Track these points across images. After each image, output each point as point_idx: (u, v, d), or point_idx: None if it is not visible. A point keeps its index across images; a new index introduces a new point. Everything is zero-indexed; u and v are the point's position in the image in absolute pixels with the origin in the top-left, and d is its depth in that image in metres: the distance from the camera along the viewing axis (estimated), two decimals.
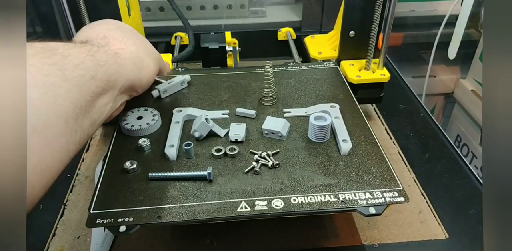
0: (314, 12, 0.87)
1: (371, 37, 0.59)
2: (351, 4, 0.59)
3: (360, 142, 0.46)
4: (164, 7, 0.87)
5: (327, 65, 0.62)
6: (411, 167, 0.59)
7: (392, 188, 0.40)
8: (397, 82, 0.79)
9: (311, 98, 0.54)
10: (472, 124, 0.99)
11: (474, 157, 0.98)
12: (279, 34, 0.83)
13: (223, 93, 0.55)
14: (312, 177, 0.41)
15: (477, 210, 0.52)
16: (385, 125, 0.68)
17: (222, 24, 0.88)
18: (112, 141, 0.47)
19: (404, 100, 0.75)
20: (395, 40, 1.03)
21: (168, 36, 0.82)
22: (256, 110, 0.51)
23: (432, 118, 0.70)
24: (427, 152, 0.62)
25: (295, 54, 0.75)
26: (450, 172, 0.58)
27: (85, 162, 0.60)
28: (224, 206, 0.38)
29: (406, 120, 0.69)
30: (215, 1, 0.88)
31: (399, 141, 0.64)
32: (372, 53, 0.60)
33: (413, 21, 1.04)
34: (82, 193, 0.55)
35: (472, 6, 0.79)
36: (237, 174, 0.42)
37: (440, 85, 1.08)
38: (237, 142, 0.46)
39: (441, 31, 0.90)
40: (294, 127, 0.49)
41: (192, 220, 0.37)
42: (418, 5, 1.01)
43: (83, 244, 0.48)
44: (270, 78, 0.52)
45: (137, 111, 0.50)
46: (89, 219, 0.37)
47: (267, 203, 0.38)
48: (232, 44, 0.76)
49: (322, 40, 0.73)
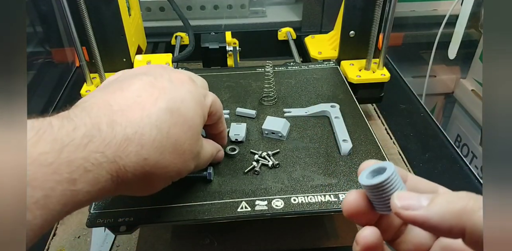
0: (314, 12, 0.87)
1: (371, 37, 0.59)
2: (351, 4, 0.59)
3: (360, 142, 0.46)
4: (164, 7, 0.87)
5: (327, 65, 0.62)
6: (411, 167, 0.59)
7: None
8: (397, 82, 0.79)
9: (311, 98, 0.54)
10: (472, 124, 0.99)
11: (474, 157, 0.98)
12: (279, 34, 0.83)
13: (223, 93, 0.55)
14: (312, 177, 0.41)
15: None
16: (385, 125, 0.68)
17: (222, 24, 0.88)
18: None
19: (404, 100, 0.75)
20: (395, 40, 1.03)
21: (168, 36, 0.82)
22: (256, 110, 0.51)
23: (432, 118, 0.70)
24: (427, 152, 0.62)
25: (295, 54, 0.75)
26: (450, 172, 0.58)
27: None
28: (224, 206, 0.38)
29: (406, 120, 0.69)
30: (215, 1, 0.88)
31: (399, 141, 0.64)
32: (372, 53, 0.60)
33: (413, 21, 1.04)
34: None
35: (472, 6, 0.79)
36: (237, 174, 0.42)
37: (440, 85, 1.08)
38: (237, 142, 0.46)
39: (441, 31, 0.90)
40: (294, 127, 0.49)
41: (192, 220, 0.37)
42: (418, 5, 1.01)
43: (84, 244, 0.48)
44: (270, 78, 0.52)
45: None
46: (90, 219, 0.37)
47: (267, 203, 0.38)
48: (232, 44, 0.76)
49: (322, 40, 0.73)
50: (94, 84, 0.59)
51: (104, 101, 0.29)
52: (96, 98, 0.30)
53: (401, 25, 1.01)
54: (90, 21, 0.54)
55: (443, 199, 0.21)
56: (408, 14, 1.01)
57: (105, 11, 0.57)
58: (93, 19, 0.55)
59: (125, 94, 0.30)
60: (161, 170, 0.30)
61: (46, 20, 0.91)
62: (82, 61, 0.56)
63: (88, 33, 0.54)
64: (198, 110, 0.33)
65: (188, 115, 0.31)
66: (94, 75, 0.59)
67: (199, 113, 0.33)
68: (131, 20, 0.65)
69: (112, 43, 0.60)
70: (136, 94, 0.30)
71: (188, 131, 0.31)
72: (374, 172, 0.24)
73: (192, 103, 0.32)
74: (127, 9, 0.64)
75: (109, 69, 0.61)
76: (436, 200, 0.21)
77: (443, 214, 0.20)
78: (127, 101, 0.29)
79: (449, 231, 0.20)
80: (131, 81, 0.31)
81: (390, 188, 0.22)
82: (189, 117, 0.31)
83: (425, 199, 0.21)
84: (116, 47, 0.60)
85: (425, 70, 0.97)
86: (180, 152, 0.31)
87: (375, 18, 0.57)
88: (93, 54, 0.57)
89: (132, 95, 0.30)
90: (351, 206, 0.24)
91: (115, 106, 0.28)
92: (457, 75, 1.06)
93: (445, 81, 1.07)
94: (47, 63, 0.91)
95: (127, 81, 0.31)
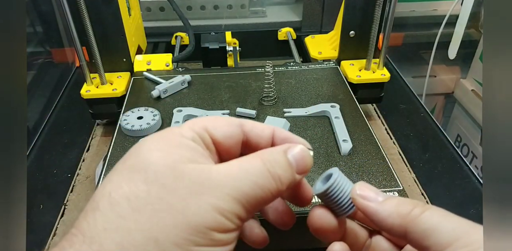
0: (314, 12, 0.87)
1: (371, 37, 0.59)
2: (351, 4, 0.59)
3: (360, 142, 0.46)
4: (164, 7, 0.87)
5: (327, 65, 0.62)
6: (411, 167, 0.59)
7: (392, 188, 0.40)
8: (397, 82, 0.79)
9: (311, 98, 0.54)
10: (472, 124, 0.99)
11: (474, 157, 0.98)
12: (279, 34, 0.83)
13: (224, 93, 0.55)
14: (312, 177, 0.41)
15: (477, 210, 0.52)
16: (385, 125, 0.68)
17: (222, 24, 0.88)
18: (113, 141, 0.47)
19: (404, 100, 0.75)
20: (395, 40, 1.03)
21: (168, 36, 0.82)
22: (256, 110, 0.51)
23: (432, 118, 0.70)
24: (427, 152, 0.62)
25: (295, 54, 0.75)
26: (450, 172, 0.58)
27: (85, 162, 0.60)
28: None
29: (406, 120, 0.69)
30: (215, 1, 0.88)
31: (399, 141, 0.64)
32: (372, 53, 0.60)
33: (413, 21, 1.04)
34: (82, 193, 0.55)
35: (472, 6, 0.79)
36: None
37: (440, 85, 1.08)
38: None
39: (441, 31, 0.90)
40: (294, 127, 0.49)
41: None
42: (418, 5, 1.01)
43: None
44: (270, 78, 0.52)
45: (137, 111, 0.50)
46: None
47: None
48: (232, 44, 0.76)
49: (322, 40, 0.73)
50: (94, 84, 0.59)
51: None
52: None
53: (401, 25, 1.01)
54: (90, 21, 0.54)
55: (395, 200, 0.24)
56: (408, 14, 1.01)
57: (105, 11, 0.57)
58: (93, 19, 0.55)
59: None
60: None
61: (46, 20, 0.91)
62: (82, 61, 0.56)
63: (88, 33, 0.54)
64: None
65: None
66: (94, 75, 0.59)
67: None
68: (131, 20, 0.65)
69: (112, 43, 0.60)
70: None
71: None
72: (324, 180, 0.25)
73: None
74: (127, 9, 0.64)
75: (109, 69, 0.61)
76: (390, 200, 0.24)
77: (391, 213, 0.23)
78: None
79: (391, 228, 0.23)
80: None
81: (340, 190, 0.24)
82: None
83: (382, 196, 0.24)
84: (116, 47, 0.60)
85: (425, 70, 0.97)
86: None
87: (375, 18, 0.57)
88: (93, 54, 0.57)
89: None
90: (317, 220, 0.25)
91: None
92: (457, 75, 1.06)
93: (445, 81, 1.07)
94: (47, 63, 0.91)
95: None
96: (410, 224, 0.22)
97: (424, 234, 0.22)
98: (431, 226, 0.22)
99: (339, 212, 0.25)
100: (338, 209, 0.25)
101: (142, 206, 0.20)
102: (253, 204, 0.22)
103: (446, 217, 0.22)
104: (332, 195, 0.24)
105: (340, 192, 0.24)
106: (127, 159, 0.23)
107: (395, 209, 0.23)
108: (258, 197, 0.22)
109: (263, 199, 0.22)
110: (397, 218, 0.23)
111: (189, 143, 0.23)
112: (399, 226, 0.23)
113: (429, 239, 0.21)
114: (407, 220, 0.22)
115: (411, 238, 0.22)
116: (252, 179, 0.21)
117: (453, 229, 0.21)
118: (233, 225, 0.21)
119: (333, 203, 0.25)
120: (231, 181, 0.21)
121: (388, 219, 0.23)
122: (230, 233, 0.21)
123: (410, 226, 0.22)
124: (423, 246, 0.22)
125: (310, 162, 0.24)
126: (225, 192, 0.21)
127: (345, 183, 0.25)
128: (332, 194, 0.24)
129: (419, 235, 0.22)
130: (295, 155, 0.24)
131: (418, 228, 0.22)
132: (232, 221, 0.21)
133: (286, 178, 0.23)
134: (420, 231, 0.22)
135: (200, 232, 0.20)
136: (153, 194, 0.20)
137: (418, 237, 0.22)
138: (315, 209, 0.25)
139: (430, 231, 0.21)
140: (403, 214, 0.23)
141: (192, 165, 0.21)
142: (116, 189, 0.21)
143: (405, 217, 0.22)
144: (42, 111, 0.77)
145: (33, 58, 0.87)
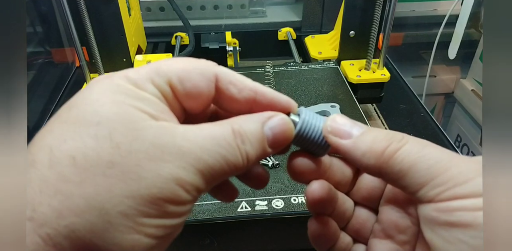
0: (314, 12, 0.87)
1: (371, 37, 0.59)
2: (351, 4, 0.59)
3: None
4: (164, 7, 0.87)
5: (327, 65, 0.62)
6: None
7: None
8: (397, 82, 0.79)
9: (311, 98, 0.54)
10: (472, 124, 0.99)
11: None
12: (279, 34, 0.83)
13: None
14: None
15: None
16: (385, 125, 0.68)
17: (222, 24, 0.88)
18: None
19: (404, 100, 0.74)
20: (395, 40, 1.03)
21: (168, 36, 0.82)
22: None
23: (432, 118, 0.70)
24: None
25: (295, 54, 0.75)
26: None
27: None
28: (224, 206, 0.38)
29: (406, 120, 0.69)
30: (215, 1, 0.88)
31: None
32: (372, 53, 0.60)
33: (413, 21, 1.04)
34: None
35: (472, 6, 0.79)
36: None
37: (440, 85, 1.08)
38: None
39: (441, 31, 0.90)
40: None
41: (192, 220, 0.37)
42: (418, 5, 1.01)
43: None
44: (270, 78, 0.52)
45: None
46: None
47: (267, 203, 0.38)
48: (232, 44, 0.76)
49: (322, 40, 0.73)
50: None
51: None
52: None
53: (401, 25, 1.01)
54: (90, 21, 0.54)
55: (370, 136, 0.21)
56: (408, 14, 1.01)
57: (105, 11, 0.57)
58: (93, 19, 0.55)
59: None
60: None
61: (46, 20, 0.91)
62: (82, 61, 0.56)
63: (88, 33, 0.54)
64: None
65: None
66: (94, 75, 0.59)
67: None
68: (131, 20, 0.65)
69: (112, 43, 0.60)
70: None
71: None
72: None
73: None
74: (127, 9, 0.64)
75: (109, 69, 0.61)
76: (364, 136, 0.21)
77: (365, 152, 0.20)
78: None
79: (366, 168, 0.21)
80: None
81: (311, 130, 0.22)
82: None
83: (357, 130, 0.21)
84: (116, 47, 0.60)
85: (425, 70, 0.97)
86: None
87: (375, 18, 0.57)
88: (93, 54, 0.57)
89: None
90: (294, 163, 0.23)
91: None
92: (457, 75, 1.06)
93: (445, 81, 1.07)
94: (47, 63, 0.91)
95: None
96: (384, 165, 0.20)
97: (398, 175, 0.20)
98: (406, 166, 0.20)
99: (316, 153, 0.23)
100: (314, 150, 0.22)
101: (89, 167, 0.17)
102: (216, 178, 0.19)
103: (423, 153, 0.20)
104: (304, 138, 0.22)
105: (311, 132, 0.22)
106: (73, 107, 0.19)
107: (369, 148, 0.20)
108: (221, 172, 0.19)
109: (226, 174, 0.20)
110: (372, 157, 0.20)
111: (149, 97, 0.19)
112: (374, 167, 0.20)
113: (404, 180, 0.20)
114: (381, 160, 0.20)
115: (386, 180, 0.21)
116: (221, 152, 0.19)
117: (428, 168, 0.19)
118: (190, 198, 0.19)
119: (307, 145, 0.22)
120: (198, 150, 0.18)
121: (362, 159, 0.21)
122: (185, 205, 0.19)
123: (383, 167, 0.20)
124: (399, 188, 0.20)
125: (290, 136, 0.21)
126: (189, 162, 0.18)
127: (316, 120, 0.22)
128: (304, 136, 0.22)
129: (394, 177, 0.20)
130: (274, 128, 0.21)
131: (392, 169, 0.20)
132: (191, 193, 0.19)
133: (255, 156, 0.20)
134: (394, 172, 0.20)
135: (154, 203, 0.17)
136: (104, 154, 0.17)
137: (393, 179, 0.20)
138: (292, 154, 0.23)
139: (404, 172, 0.20)
140: (377, 153, 0.20)
141: (154, 123, 0.18)
142: (58, 144, 0.17)
143: (380, 157, 0.20)
144: (42, 111, 0.77)
145: (33, 58, 0.87)
